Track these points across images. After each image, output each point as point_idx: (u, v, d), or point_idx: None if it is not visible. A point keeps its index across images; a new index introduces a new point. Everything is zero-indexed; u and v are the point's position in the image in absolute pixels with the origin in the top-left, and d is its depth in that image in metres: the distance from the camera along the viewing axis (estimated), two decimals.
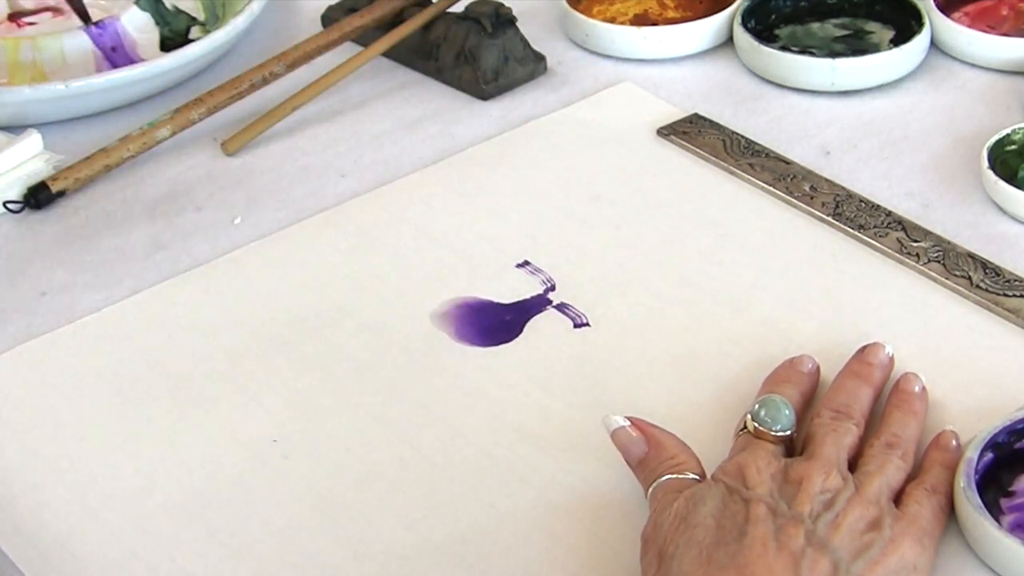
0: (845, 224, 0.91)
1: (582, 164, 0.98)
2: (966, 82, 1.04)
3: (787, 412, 0.73)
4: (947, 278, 0.86)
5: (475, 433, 0.78)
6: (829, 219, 0.91)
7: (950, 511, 0.72)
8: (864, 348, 0.80)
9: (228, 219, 0.95)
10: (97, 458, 0.78)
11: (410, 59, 1.09)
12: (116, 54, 1.10)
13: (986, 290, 0.85)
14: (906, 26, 1.06)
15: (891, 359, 0.80)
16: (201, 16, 1.15)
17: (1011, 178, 0.92)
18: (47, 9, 1.18)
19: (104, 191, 0.99)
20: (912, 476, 0.73)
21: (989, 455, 0.73)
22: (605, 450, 0.75)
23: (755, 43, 1.05)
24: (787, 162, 0.96)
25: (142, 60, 1.09)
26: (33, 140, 0.98)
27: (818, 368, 0.79)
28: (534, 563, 0.71)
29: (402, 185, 0.96)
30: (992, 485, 0.73)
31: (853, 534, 0.68)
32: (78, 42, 1.10)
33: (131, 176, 1.00)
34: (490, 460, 0.77)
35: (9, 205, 0.96)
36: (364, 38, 1.09)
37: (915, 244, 0.89)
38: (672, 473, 0.72)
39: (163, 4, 1.14)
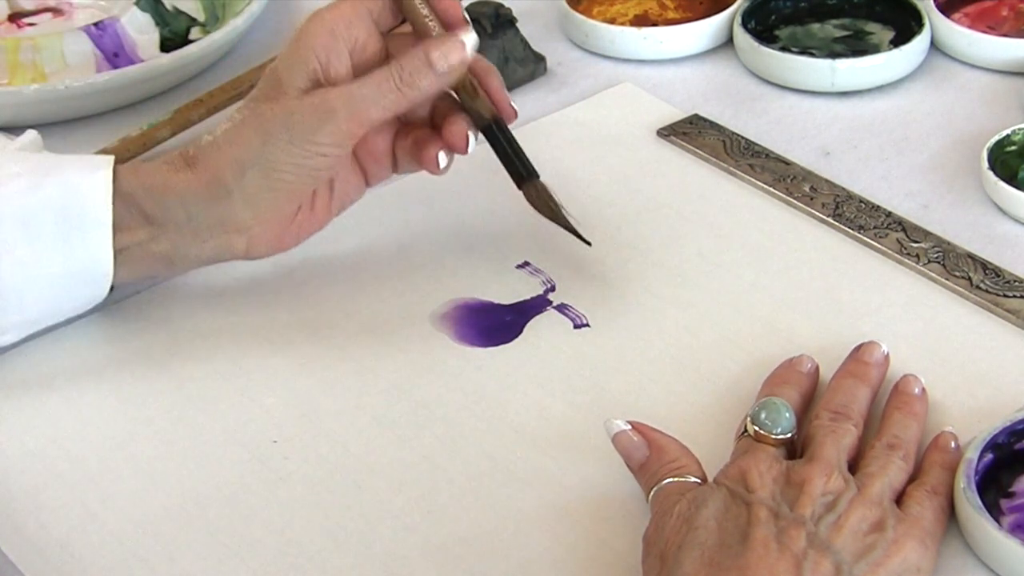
0: (845, 225, 0.91)
1: (582, 165, 0.98)
2: (966, 83, 1.04)
3: (787, 415, 0.73)
4: (947, 279, 0.86)
5: (475, 434, 0.78)
6: (829, 220, 0.91)
7: (951, 512, 0.72)
8: (860, 347, 0.80)
9: None
10: (97, 458, 0.78)
11: None
12: (119, 59, 1.10)
13: (986, 291, 0.85)
14: (906, 27, 1.06)
15: (887, 358, 0.80)
16: (201, 17, 1.15)
17: (1011, 179, 0.92)
18: (47, 10, 1.18)
19: None
20: (912, 478, 0.73)
21: (989, 456, 0.73)
22: (605, 451, 0.75)
23: (755, 44, 1.05)
24: (787, 163, 0.96)
25: (142, 61, 1.09)
26: (33, 141, 0.98)
27: (817, 369, 0.79)
28: (534, 564, 0.71)
29: (402, 186, 0.96)
30: (992, 486, 0.73)
31: (856, 535, 0.68)
32: (78, 43, 1.10)
33: None
34: (490, 461, 0.77)
35: None
36: None
37: (915, 245, 0.89)
38: (674, 476, 0.72)
39: (163, 5, 1.14)
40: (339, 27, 0.83)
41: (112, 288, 0.84)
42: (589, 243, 0.87)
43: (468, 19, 0.85)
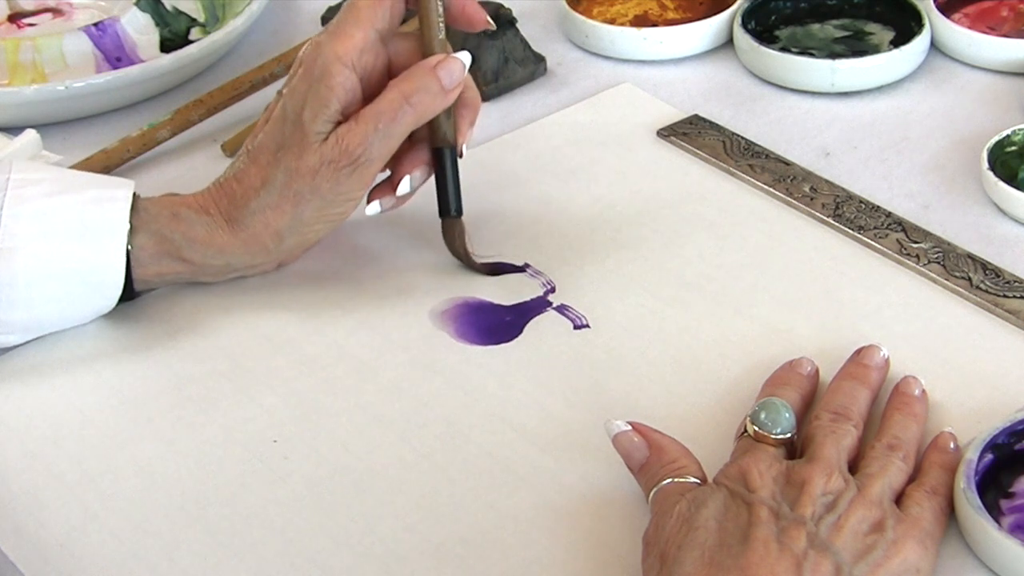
0: (845, 225, 0.91)
1: (582, 166, 0.98)
2: (966, 83, 1.04)
3: (787, 415, 0.73)
4: (947, 279, 0.86)
5: (475, 432, 0.78)
6: (829, 220, 0.91)
7: (950, 512, 0.72)
8: (860, 350, 0.80)
9: None
10: (97, 458, 0.78)
11: None
12: (120, 63, 1.10)
13: (986, 291, 0.85)
14: (906, 27, 1.06)
15: (887, 361, 0.80)
16: (201, 17, 1.15)
17: (1011, 179, 0.92)
18: (47, 10, 1.18)
19: None
20: (912, 478, 0.73)
21: (989, 456, 0.73)
22: (605, 450, 0.75)
23: (755, 44, 1.05)
24: (787, 163, 0.96)
25: (142, 61, 1.09)
26: (33, 141, 0.98)
27: (817, 371, 0.79)
28: (534, 563, 0.71)
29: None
30: (992, 486, 0.73)
31: (856, 536, 0.68)
32: (78, 43, 1.10)
33: (131, 177, 0.99)
34: (490, 460, 0.77)
35: None
36: None
37: (915, 245, 0.89)
38: (674, 477, 0.72)
39: (163, 5, 1.14)
40: (353, 58, 0.84)
41: (136, 294, 0.87)
42: (522, 267, 0.89)
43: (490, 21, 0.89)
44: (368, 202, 0.88)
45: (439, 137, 0.87)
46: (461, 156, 0.88)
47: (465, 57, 0.86)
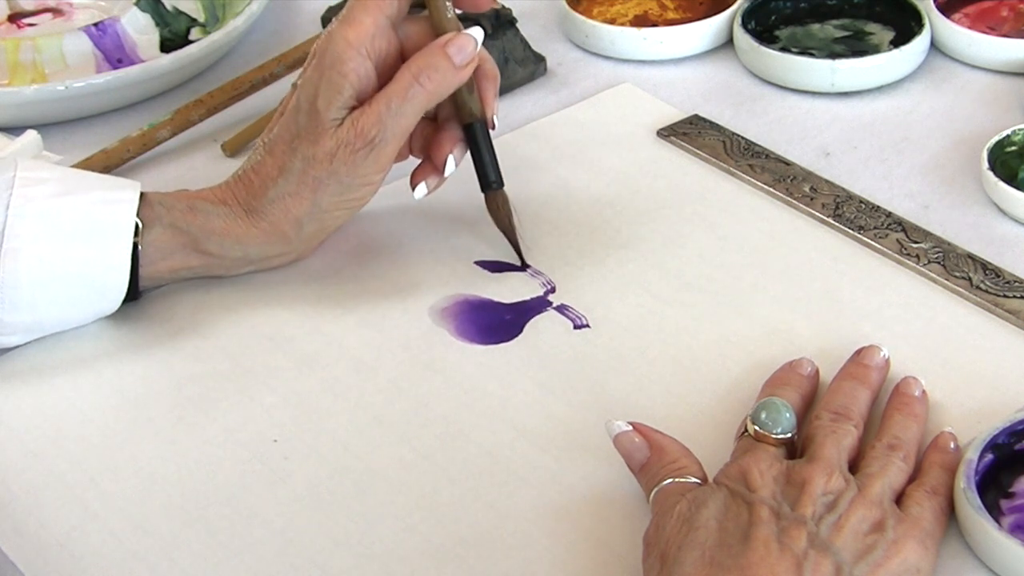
0: (845, 225, 0.91)
1: (582, 165, 0.98)
2: (966, 83, 1.04)
3: (787, 415, 0.74)
4: (947, 279, 0.86)
5: (475, 432, 0.78)
6: (829, 220, 0.91)
7: (950, 512, 0.72)
8: (860, 351, 0.80)
9: None
10: (97, 458, 0.78)
11: None
12: (121, 64, 1.10)
13: (986, 291, 0.85)
14: (906, 27, 1.06)
15: (887, 361, 0.80)
16: (201, 17, 1.15)
17: (1011, 179, 0.92)
18: (47, 10, 1.18)
19: None
20: (912, 478, 0.73)
21: (989, 456, 0.74)
22: (605, 450, 0.75)
23: (755, 44, 1.05)
24: (787, 163, 0.97)
25: (142, 61, 1.09)
26: (33, 141, 0.98)
27: (817, 372, 0.79)
28: (534, 563, 0.71)
29: (403, 186, 0.96)
30: (992, 486, 0.73)
31: (856, 536, 0.68)
32: (78, 43, 1.10)
33: (131, 177, 0.99)
34: (490, 459, 0.77)
35: None
36: None
37: (915, 245, 0.89)
38: (674, 477, 0.72)
39: (163, 5, 1.14)
40: (365, 44, 0.84)
41: (139, 294, 0.86)
42: (526, 266, 0.89)
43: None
44: (413, 186, 0.89)
45: (466, 113, 0.88)
46: (493, 128, 0.89)
47: (477, 33, 0.86)
